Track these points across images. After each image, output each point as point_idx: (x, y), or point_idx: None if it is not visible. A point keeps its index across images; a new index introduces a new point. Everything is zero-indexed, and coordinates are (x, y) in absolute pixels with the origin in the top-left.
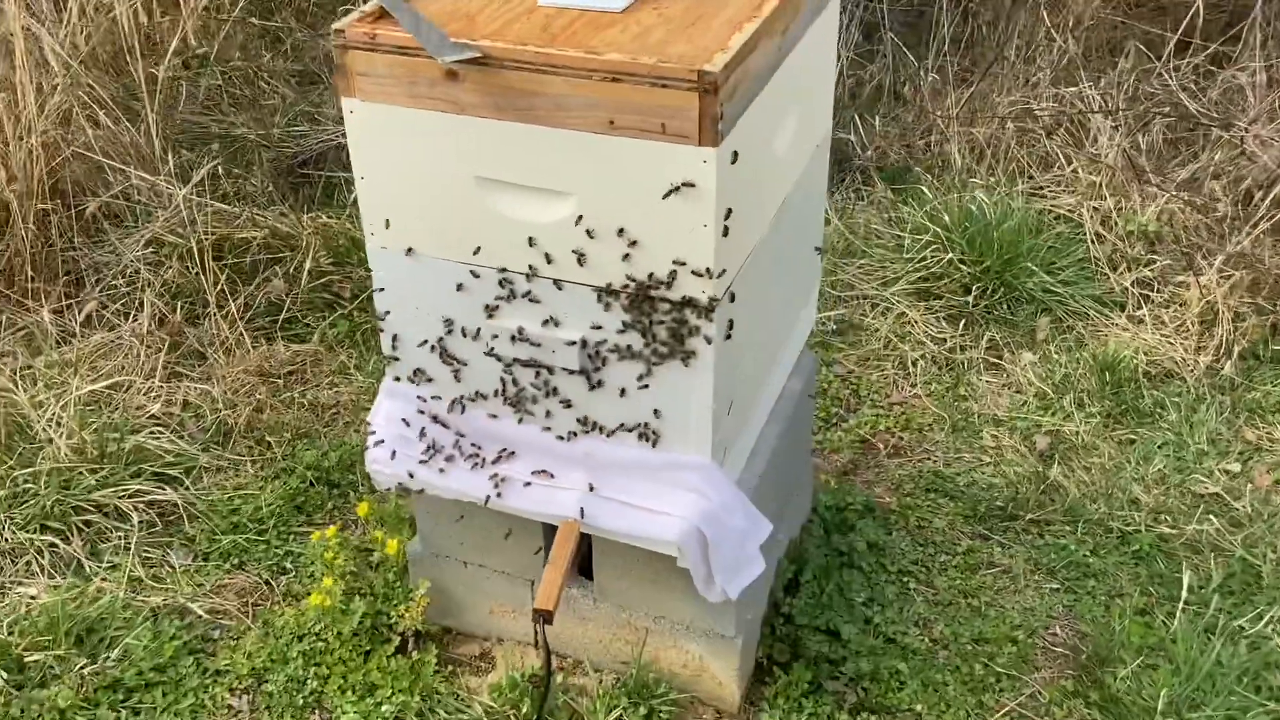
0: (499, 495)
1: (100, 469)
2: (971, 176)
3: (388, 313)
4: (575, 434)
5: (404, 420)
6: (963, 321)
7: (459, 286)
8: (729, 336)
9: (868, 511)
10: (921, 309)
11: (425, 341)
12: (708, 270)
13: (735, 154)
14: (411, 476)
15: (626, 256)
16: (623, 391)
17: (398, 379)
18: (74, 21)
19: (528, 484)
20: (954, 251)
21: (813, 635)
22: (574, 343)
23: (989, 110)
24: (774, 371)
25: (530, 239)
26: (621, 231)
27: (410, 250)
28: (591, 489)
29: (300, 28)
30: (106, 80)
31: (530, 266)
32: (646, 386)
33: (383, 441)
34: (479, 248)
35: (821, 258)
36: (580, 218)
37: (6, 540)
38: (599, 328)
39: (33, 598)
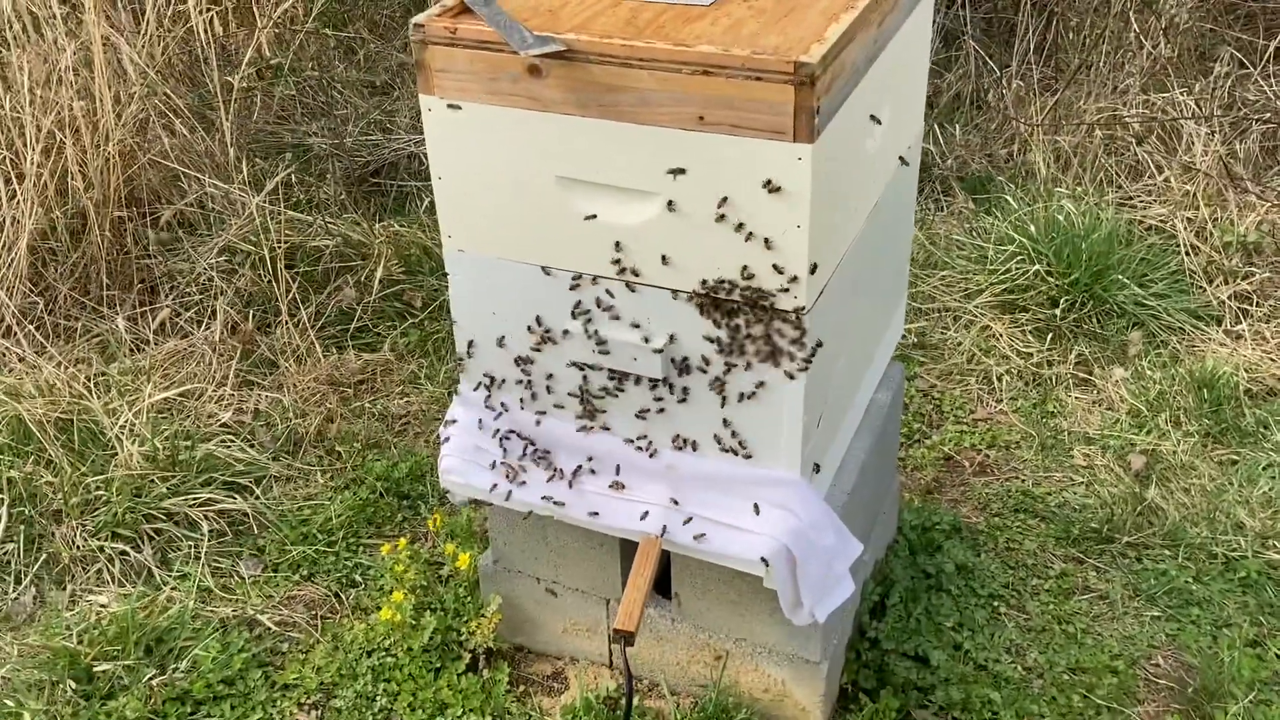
0: (576, 509)
1: (171, 477)
2: (1056, 186)
3: (463, 317)
4: (655, 445)
5: (478, 430)
6: (1050, 335)
7: (537, 290)
8: (819, 344)
9: (954, 532)
10: (1006, 322)
11: (501, 348)
12: (800, 275)
13: (830, 152)
14: (488, 488)
15: (714, 259)
16: (708, 401)
17: (473, 387)
18: (151, 32)
19: (606, 498)
20: (1040, 263)
21: (901, 661)
22: (657, 350)
23: (1074, 118)
24: (863, 382)
25: (612, 241)
26: (709, 233)
27: (487, 252)
28: (674, 504)
29: (373, 38)
30: (182, 89)
31: (612, 270)
32: (733, 397)
33: (456, 452)
34: (558, 250)
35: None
36: (666, 218)
37: (78, 548)
38: (684, 334)
39: (103, 606)
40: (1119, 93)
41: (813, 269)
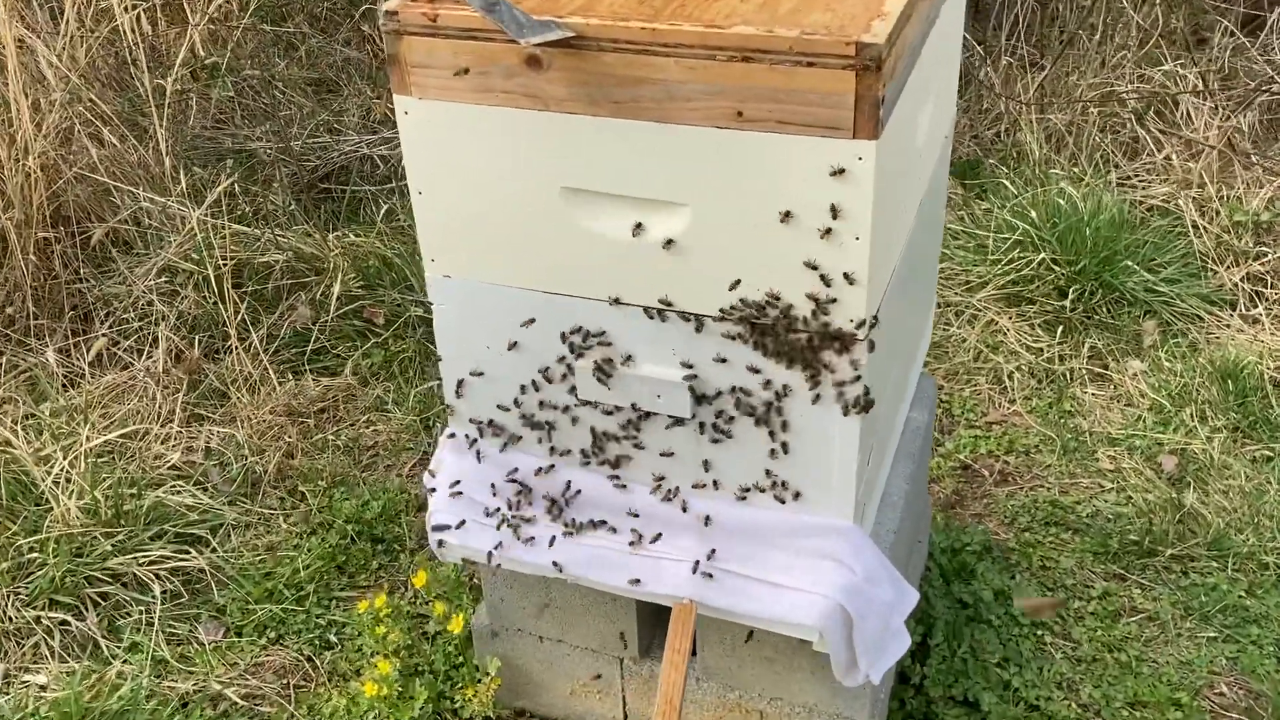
0: (602, 574)
1: (116, 532)
2: (1050, 167)
3: (450, 352)
4: (683, 493)
5: (471, 482)
6: (1060, 328)
7: (539, 320)
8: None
9: (986, 553)
10: (1013, 315)
11: (496, 387)
12: (859, 293)
13: (890, 149)
14: (488, 551)
15: (753, 279)
16: (744, 442)
17: (464, 431)
18: (72, 32)
19: (627, 555)
20: (1044, 251)
21: (949, 708)
22: (683, 384)
23: (1065, 94)
24: (902, 403)
25: (630, 261)
26: (747, 249)
27: (478, 278)
28: (709, 560)
29: (314, 33)
30: (109, 95)
31: (630, 294)
32: (773, 436)
33: (446, 508)
34: (564, 273)
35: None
36: (694, 233)
37: (10, 619)
38: (715, 366)
39: (42, 688)
40: (1110, 67)
41: (871, 285)
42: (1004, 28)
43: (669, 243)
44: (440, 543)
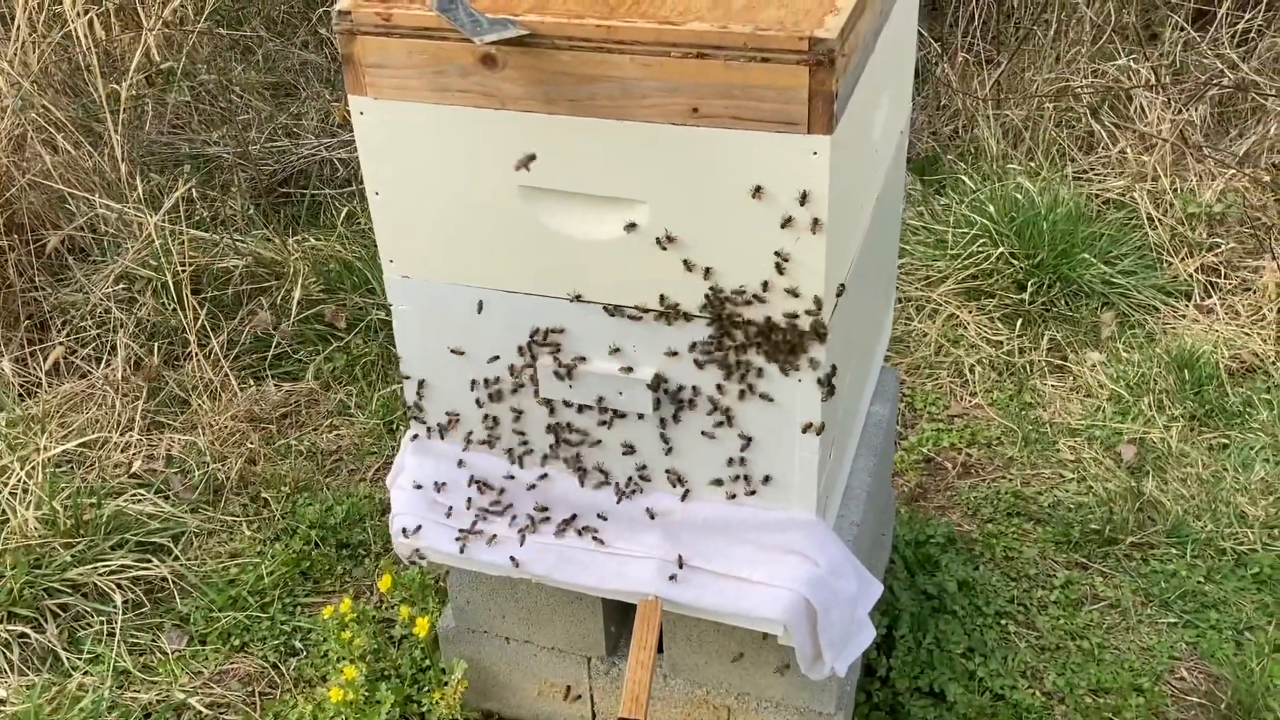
0: (566, 573)
1: (75, 542)
2: (1008, 162)
3: (410, 353)
4: (646, 491)
5: (434, 484)
6: (1019, 321)
7: (499, 320)
8: (834, 370)
9: (950, 544)
10: (973, 309)
11: (458, 388)
12: (817, 291)
13: (845, 144)
14: (453, 552)
15: (712, 275)
16: (705, 438)
17: (426, 433)
18: (23, 37)
19: (600, 554)
20: (1003, 245)
21: (915, 700)
22: (644, 382)
23: (1021, 90)
24: (863, 396)
25: (589, 259)
26: (704, 246)
27: (437, 279)
28: (676, 559)
29: (271, 36)
30: (63, 101)
31: (589, 292)
32: (734, 431)
33: (410, 509)
34: (524, 273)
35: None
36: (654, 230)
37: None
38: (675, 362)
39: (1, 702)
40: (1064, 63)
41: (829, 280)
42: (960, 24)
43: (628, 239)
44: (404, 538)
